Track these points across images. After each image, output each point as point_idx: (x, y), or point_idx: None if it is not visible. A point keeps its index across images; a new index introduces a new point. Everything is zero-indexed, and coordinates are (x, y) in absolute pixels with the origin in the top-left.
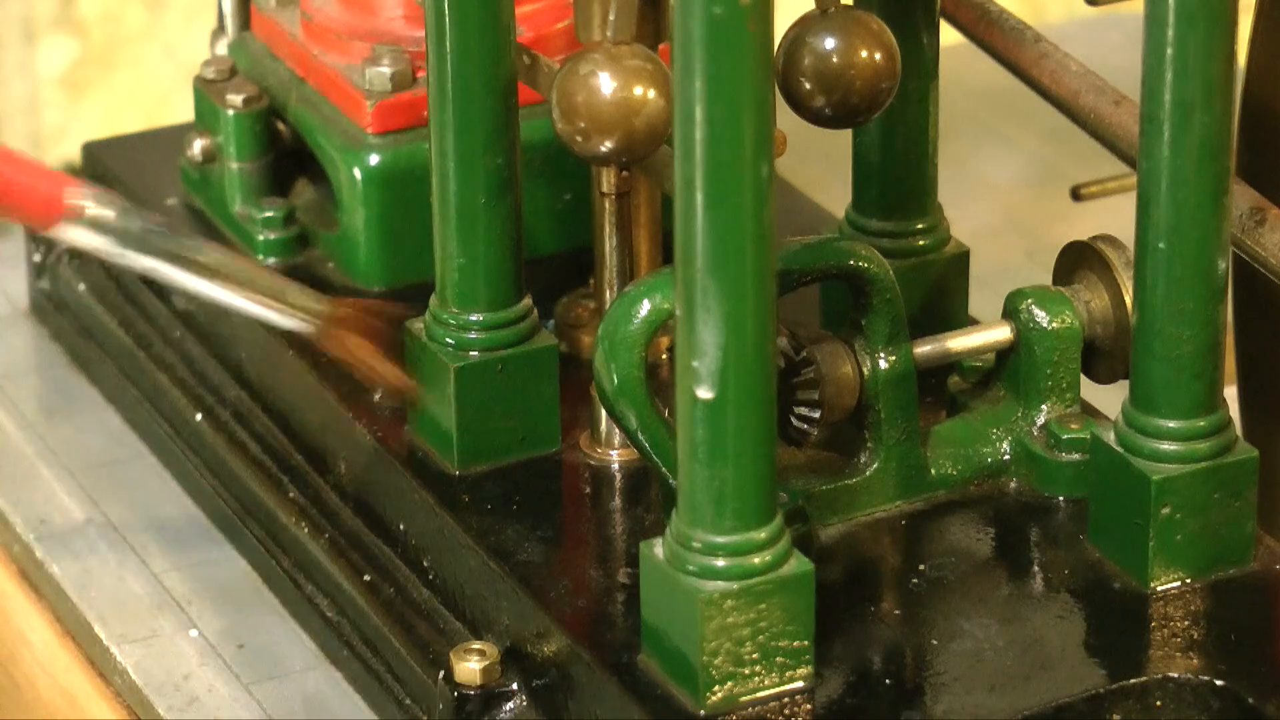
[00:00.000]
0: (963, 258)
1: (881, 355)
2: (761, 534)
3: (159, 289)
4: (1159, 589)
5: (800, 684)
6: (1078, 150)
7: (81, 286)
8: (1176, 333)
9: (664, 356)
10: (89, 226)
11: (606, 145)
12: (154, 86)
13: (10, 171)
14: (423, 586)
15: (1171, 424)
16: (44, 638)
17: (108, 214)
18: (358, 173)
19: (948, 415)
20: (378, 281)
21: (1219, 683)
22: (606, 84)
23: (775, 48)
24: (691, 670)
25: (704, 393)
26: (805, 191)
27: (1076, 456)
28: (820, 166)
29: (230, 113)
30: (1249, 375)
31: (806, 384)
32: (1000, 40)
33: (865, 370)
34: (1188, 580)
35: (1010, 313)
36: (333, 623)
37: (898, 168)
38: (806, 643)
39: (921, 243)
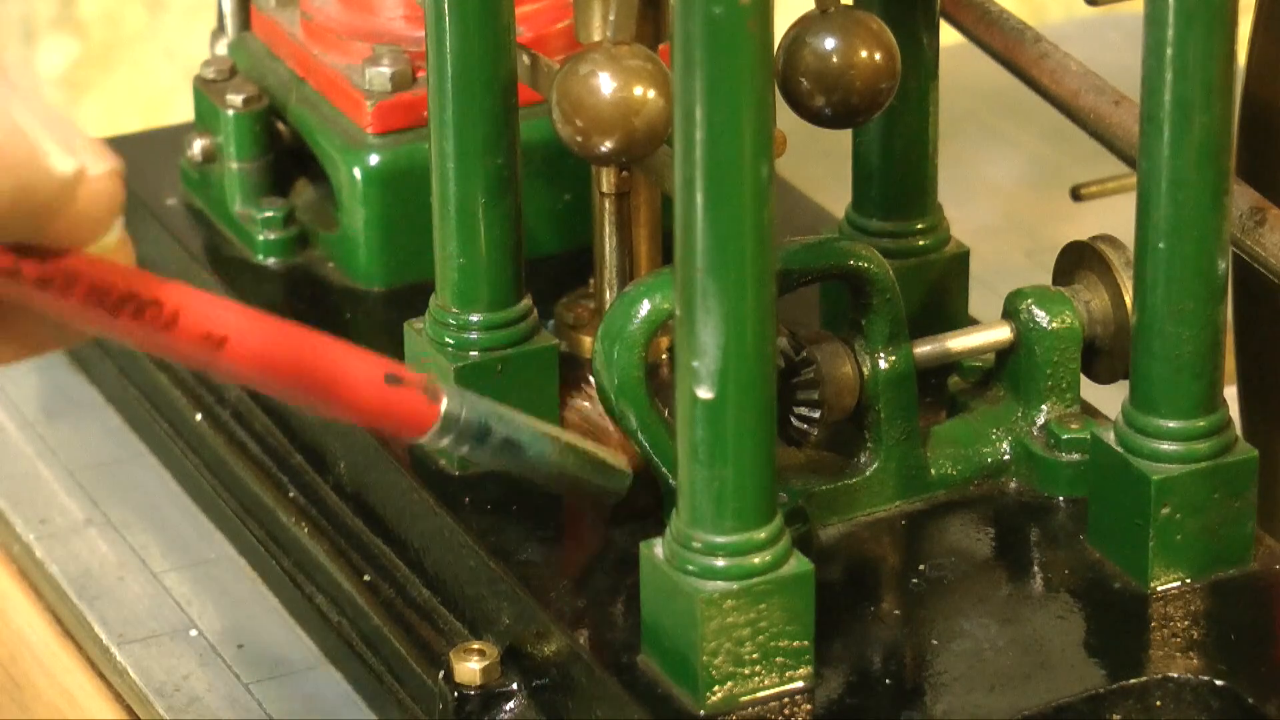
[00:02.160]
0: (963, 258)
1: (881, 355)
2: (761, 534)
3: None
4: (1159, 589)
5: (800, 684)
6: (1078, 150)
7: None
8: (1176, 333)
9: (664, 356)
10: (453, 439)
11: (606, 145)
12: (154, 86)
13: (390, 406)
14: (423, 586)
15: (1171, 424)
16: (44, 638)
17: (469, 430)
18: (358, 173)
19: (948, 415)
20: (378, 281)
21: (1219, 683)
22: (606, 84)
23: (775, 48)
24: (691, 670)
25: (704, 393)
26: (805, 191)
27: (1076, 456)
28: (820, 166)
29: (230, 113)
30: (1249, 375)
31: (806, 384)
32: (1000, 40)
33: (865, 370)
34: (1188, 580)
35: (1010, 313)
36: (333, 623)
37: (898, 168)
38: (806, 643)
39: (921, 243)
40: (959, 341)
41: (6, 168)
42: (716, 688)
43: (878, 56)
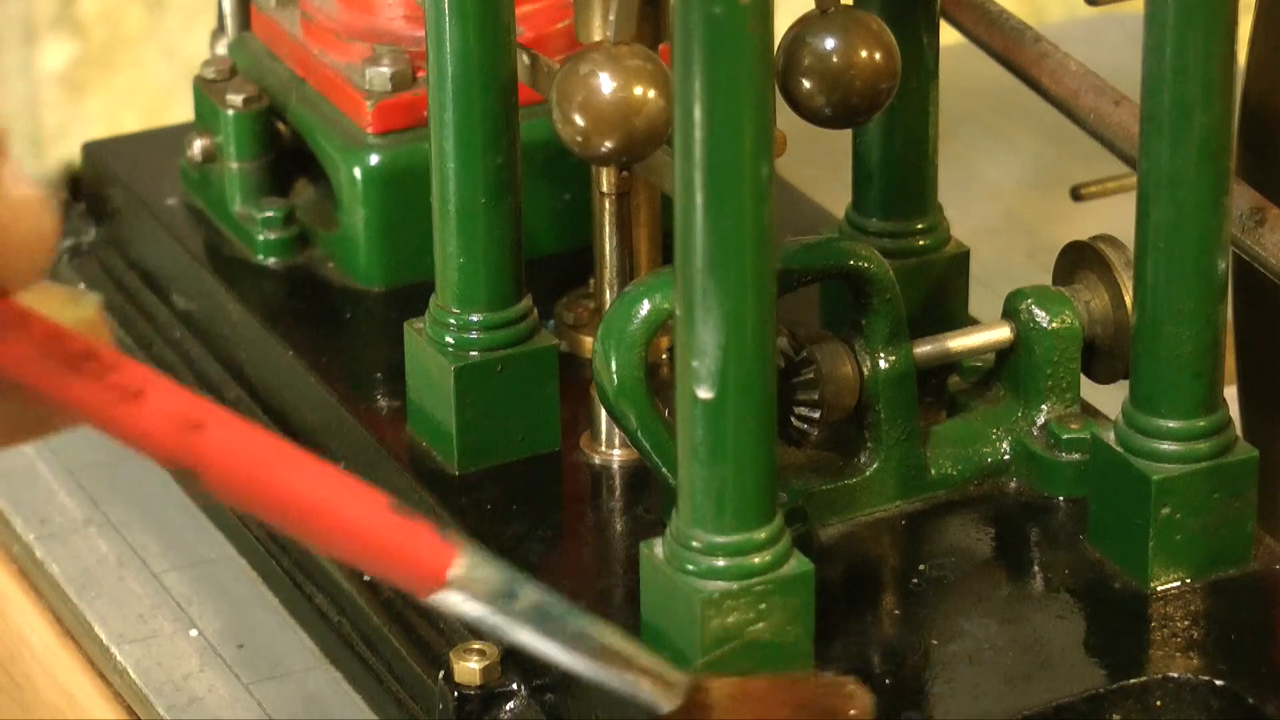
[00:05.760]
0: (963, 258)
1: (881, 355)
2: (761, 534)
3: (159, 289)
4: (1159, 589)
5: None
6: (1078, 150)
7: (81, 286)
8: (1176, 333)
9: (664, 356)
10: (471, 597)
11: (606, 145)
12: (154, 86)
13: (396, 538)
14: None
15: (1171, 424)
16: (44, 638)
17: (491, 586)
18: (358, 173)
19: (948, 415)
20: (378, 281)
21: (1219, 683)
22: (606, 84)
23: (775, 48)
24: (691, 670)
25: (704, 393)
26: (805, 191)
27: (1076, 456)
28: (820, 166)
29: (230, 113)
30: (1249, 375)
31: (806, 384)
32: (1000, 40)
33: (865, 370)
34: (1188, 580)
35: (1010, 313)
36: (333, 623)
37: (898, 168)
38: (806, 643)
39: (921, 243)
40: (959, 341)
41: None
42: None
43: (878, 56)
